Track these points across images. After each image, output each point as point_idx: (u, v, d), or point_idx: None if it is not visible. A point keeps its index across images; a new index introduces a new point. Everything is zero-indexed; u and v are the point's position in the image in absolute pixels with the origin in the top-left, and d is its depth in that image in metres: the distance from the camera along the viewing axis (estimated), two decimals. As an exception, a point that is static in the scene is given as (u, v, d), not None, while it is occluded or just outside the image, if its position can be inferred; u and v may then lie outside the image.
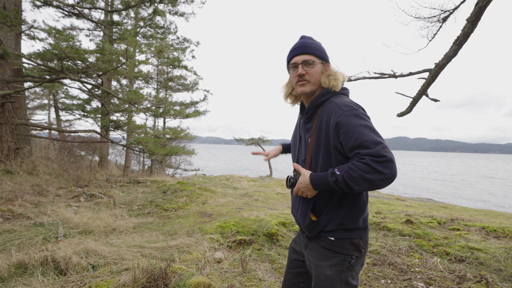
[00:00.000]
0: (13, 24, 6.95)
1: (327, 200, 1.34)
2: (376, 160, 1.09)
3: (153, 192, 7.85)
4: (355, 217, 1.32)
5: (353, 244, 1.32)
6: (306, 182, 1.28)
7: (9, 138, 8.20)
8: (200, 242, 3.61)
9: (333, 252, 1.33)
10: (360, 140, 1.15)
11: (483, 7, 3.34)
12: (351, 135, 1.17)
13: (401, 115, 4.64)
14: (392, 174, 1.10)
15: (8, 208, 4.74)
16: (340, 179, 1.16)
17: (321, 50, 1.39)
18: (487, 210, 7.31)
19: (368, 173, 1.09)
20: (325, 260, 1.34)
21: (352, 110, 1.23)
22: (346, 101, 1.28)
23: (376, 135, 1.16)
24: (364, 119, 1.21)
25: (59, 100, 17.96)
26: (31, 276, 2.55)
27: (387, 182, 1.11)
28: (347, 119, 1.20)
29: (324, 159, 1.30)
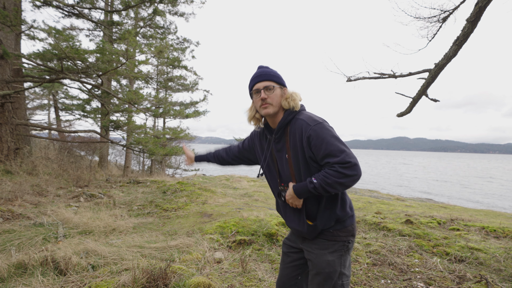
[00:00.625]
0: (13, 24, 6.95)
1: (317, 205, 1.51)
2: (344, 166, 1.31)
3: (153, 192, 7.84)
4: (344, 209, 1.53)
5: (348, 230, 1.53)
6: (291, 193, 1.49)
7: (9, 138, 8.20)
8: (200, 242, 3.61)
9: (333, 240, 1.52)
10: (328, 150, 1.36)
11: (483, 7, 3.34)
12: (320, 146, 1.38)
13: (401, 115, 4.64)
14: (358, 174, 1.33)
15: (8, 208, 4.74)
16: (317, 186, 1.37)
17: (278, 77, 1.58)
18: (486, 210, 7.32)
19: (340, 178, 1.32)
20: (326, 249, 1.52)
21: (318, 124, 1.42)
22: (311, 116, 1.49)
23: (341, 144, 1.37)
24: (330, 130, 1.42)
25: (59, 100, 17.95)
26: (31, 276, 2.55)
27: (355, 181, 1.35)
28: (315, 133, 1.40)
29: (304, 169, 1.48)
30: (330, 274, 1.49)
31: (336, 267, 1.49)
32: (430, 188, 25.10)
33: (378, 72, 4.42)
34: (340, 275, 1.51)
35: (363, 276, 2.96)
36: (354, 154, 1.34)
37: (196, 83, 18.48)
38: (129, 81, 16.06)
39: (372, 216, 5.34)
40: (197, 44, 17.92)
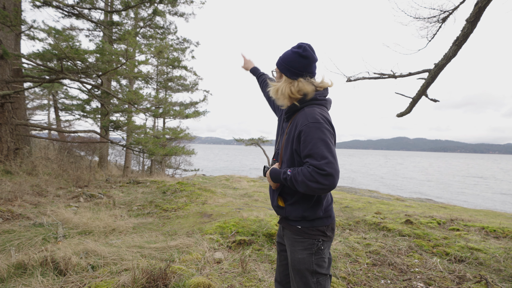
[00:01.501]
0: (12, 24, 6.95)
1: (293, 194, 1.53)
2: (318, 172, 1.28)
3: (152, 193, 7.84)
4: (314, 210, 1.51)
5: (318, 230, 1.52)
6: (268, 174, 1.54)
7: (8, 139, 8.19)
8: (199, 242, 3.61)
9: (302, 237, 1.52)
10: (312, 151, 1.33)
11: (482, 7, 3.34)
12: (307, 145, 1.36)
13: (401, 115, 4.64)
14: (330, 186, 1.28)
15: (8, 209, 4.74)
16: (288, 178, 1.39)
17: (284, 65, 1.59)
18: (486, 210, 7.32)
19: (309, 180, 1.30)
20: (296, 245, 1.53)
21: (315, 123, 1.39)
22: (314, 113, 1.44)
23: (327, 150, 1.32)
24: (324, 132, 1.37)
25: (59, 100, 17.94)
26: (30, 277, 2.55)
27: (324, 191, 1.32)
28: (308, 130, 1.38)
29: (289, 158, 1.51)
30: (302, 271, 1.50)
31: (308, 265, 1.49)
32: (427, 190, 25.11)
33: (378, 72, 4.42)
34: (313, 274, 1.50)
35: (363, 276, 2.96)
36: (336, 166, 1.30)
37: (196, 83, 18.49)
38: (129, 81, 16.05)
39: (372, 216, 5.34)
40: (197, 44, 17.93)
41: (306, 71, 1.52)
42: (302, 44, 1.54)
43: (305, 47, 1.52)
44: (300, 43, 1.55)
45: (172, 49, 16.79)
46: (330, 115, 1.55)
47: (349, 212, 6.12)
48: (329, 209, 1.57)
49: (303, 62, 1.51)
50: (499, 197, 21.20)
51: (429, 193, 22.30)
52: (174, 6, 14.63)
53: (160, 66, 17.68)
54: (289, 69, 1.52)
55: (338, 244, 3.80)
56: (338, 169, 1.31)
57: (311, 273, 1.50)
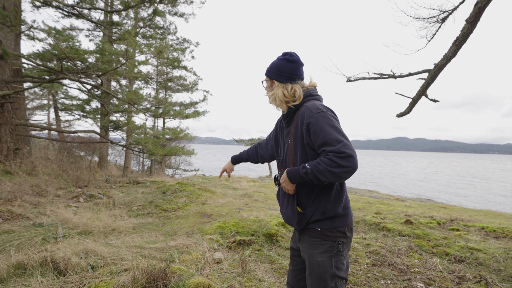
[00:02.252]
0: (12, 24, 6.95)
1: (309, 194, 1.52)
2: (338, 156, 1.29)
3: (152, 193, 7.84)
4: (335, 205, 1.50)
5: (338, 231, 1.50)
6: (284, 177, 1.50)
7: (8, 139, 8.19)
8: (199, 242, 3.61)
9: (322, 240, 1.50)
10: (326, 138, 1.36)
11: (482, 7, 3.34)
12: (319, 134, 1.39)
13: (401, 115, 4.65)
14: (353, 167, 1.30)
15: (7, 209, 4.73)
16: (309, 172, 1.37)
17: (275, 72, 1.64)
18: (486, 210, 7.32)
19: (333, 167, 1.30)
20: (315, 248, 1.51)
21: (320, 112, 1.43)
22: (316, 104, 1.50)
23: (339, 134, 1.36)
24: (330, 119, 1.41)
25: (59, 101, 17.94)
26: (30, 277, 2.55)
27: (349, 174, 1.32)
28: (315, 120, 1.41)
29: (301, 156, 1.51)
30: (321, 275, 1.48)
31: (327, 268, 1.48)
32: (427, 190, 25.12)
33: (378, 73, 4.43)
34: (332, 277, 1.48)
35: (362, 276, 2.96)
36: (351, 146, 1.32)
37: (196, 83, 18.49)
38: (129, 81, 16.05)
39: (372, 216, 5.34)
40: (196, 45, 17.94)
41: (295, 74, 1.59)
42: (288, 51, 1.64)
43: (291, 53, 1.62)
44: (285, 52, 1.64)
45: (172, 49, 16.80)
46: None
47: (349, 212, 6.12)
48: (348, 206, 1.57)
49: (291, 66, 1.59)
50: (499, 198, 21.20)
51: (428, 193, 22.31)
52: (174, 6, 14.64)
53: (160, 66, 17.69)
54: (280, 74, 1.59)
55: (338, 244, 3.79)
56: (354, 149, 1.33)
57: (330, 276, 1.48)
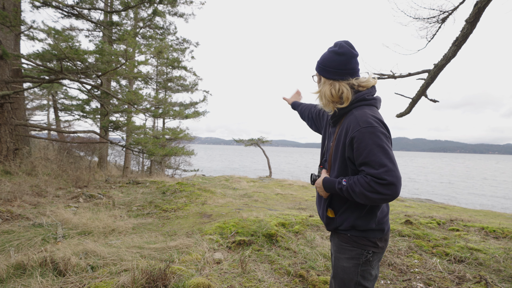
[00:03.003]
0: (12, 24, 6.94)
1: (343, 202, 1.44)
2: (377, 182, 1.19)
3: (152, 193, 7.84)
4: (366, 221, 1.39)
5: (369, 240, 1.41)
6: (320, 184, 1.45)
7: (8, 139, 8.18)
8: (199, 242, 3.61)
9: (351, 246, 1.42)
10: (368, 159, 1.23)
11: (482, 8, 3.34)
12: (362, 152, 1.25)
13: (401, 115, 4.65)
14: (392, 195, 1.19)
15: (7, 209, 4.73)
16: (344, 189, 1.30)
17: (322, 68, 1.51)
18: (486, 210, 7.32)
19: (368, 191, 1.21)
20: (343, 253, 1.45)
21: (368, 128, 1.26)
22: (366, 116, 1.31)
23: (385, 156, 1.21)
24: (379, 137, 1.25)
25: (58, 101, 17.94)
26: (30, 277, 2.54)
27: (385, 201, 1.22)
28: (362, 136, 1.26)
29: (340, 166, 1.41)
30: (345, 281, 1.42)
31: (352, 276, 1.40)
32: (428, 190, 25.13)
33: (378, 73, 4.43)
34: (357, 285, 1.40)
35: (362, 276, 2.96)
36: (397, 173, 1.19)
37: (196, 83, 18.48)
38: (129, 81, 16.05)
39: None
40: (196, 45, 17.93)
41: (344, 68, 1.40)
42: (338, 42, 1.45)
43: (341, 44, 1.43)
44: (337, 41, 1.46)
45: (172, 49, 16.79)
46: (381, 114, 1.41)
47: (349, 213, 6.11)
48: (384, 222, 1.43)
49: (339, 59, 1.40)
50: (498, 198, 21.22)
51: (428, 193, 22.31)
52: (174, 6, 14.64)
53: (159, 67, 17.68)
54: (327, 70, 1.43)
55: (338, 245, 3.79)
56: (399, 175, 1.20)
57: (354, 284, 1.40)
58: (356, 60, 1.44)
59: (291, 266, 3.13)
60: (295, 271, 2.97)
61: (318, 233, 4.28)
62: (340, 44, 1.43)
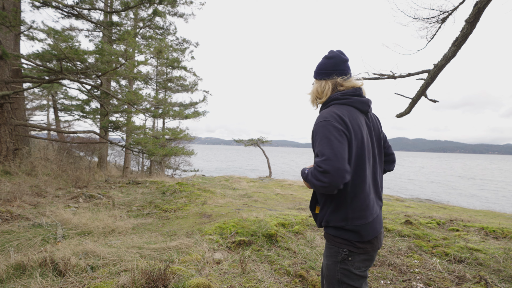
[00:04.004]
0: (12, 24, 6.94)
1: (321, 197, 1.52)
2: (317, 169, 1.31)
3: (152, 193, 7.83)
4: (336, 216, 1.45)
5: (343, 240, 1.44)
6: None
7: (7, 139, 8.18)
8: (199, 243, 3.61)
9: (329, 243, 1.51)
10: (316, 149, 1.37)
11: (481, 8, 3.35)
12: (314, 143, 1.41)
13: (400, 115, 4.65)
14: (329, 184, 1.26)
15: (7, 209, 4.73)
16: (305, 176, 1.42)
17: (316, 70, 1.65)
18: (486, 210, 7.32)
19: (314, 178, 1.32)
20: (326, 250, 1.54)
21: (323, 121, 1.40)
22: (324, 113, 1.45)
23: (328, 147, 1.31)
24: (329, 130, 1.36)
25: (58, 101, 17.93)
26: (29, 277, 2.54)
27: (325, 189, 1.29)
28: (316, 129, 1.41)
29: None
30: (329, 278, 1.48)
31: (333, 273, 1.45)
32: (427, 189, 25.17)
33: (378, 73, 4.43)
34: (340, 283, 1.44)
35: (362, 276, 2.96)
36: (336, 163, 1.25)
37: (196, 83, 18.48)
38: (129, 81, 16.04)
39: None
40: (196, 45, 17.93)
41: (332, 69, 1.53)
42: (330, 50, 1.61)
43: (331, 51, 1.59)
44: (330, 50, 1.62)
45: (172, 49, 16.79)
46: (358, 114, 1.48)
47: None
48: (360, 225, 1.41)
49: (328, 62, 1.55)
50: (498, 199, 21.22)
51: (428, 193, 22.33)
52: (174, 6, 14.63)
53: (159, 67, 17.68)
54: (317, 71, 1.60)
55: (338, 245, 3.79)
56: (337, 166, 1.25)
57: (337, 282, 1.44)
58: (345, 64, 1.55)
59: (291, 266, 3.13)
60: (295, 271, 2.97)
61: (318, 233, 4.28)
62: (331, 51, 1.59)
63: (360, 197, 1.42)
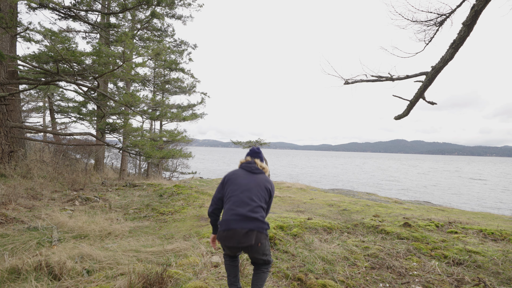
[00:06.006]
0: (8, 26, 6.90)
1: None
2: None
3: (149, 196, 7.78)
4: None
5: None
6: None
7: (3, 141, 8.10)
8: (197, 246, 3.57)
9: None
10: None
11: (478, 11, 3.36)
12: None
13: (399, 118, 4.65)
14: (208, 211, 2.38)
15: (2, 212, 4.67)
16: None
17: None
18: (484, 213, 7.34)
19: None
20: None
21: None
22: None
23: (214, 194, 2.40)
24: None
25: (55, 103, 17.81)
26: (24, 282, 2.50)
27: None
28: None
29: None
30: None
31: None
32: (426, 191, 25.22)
33: (376, 75, 4.43)
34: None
35: (361, 279, 2.93)
36: (210, 203, 2.36)
37: (194, 85, 18.45)
38: (126, 83, 15.99)
39: (370, 219, 5.33)
40: (194, 47, 17.91)
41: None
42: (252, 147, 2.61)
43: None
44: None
45: (170, 51, 16.75)
46: (241, 170, 2.40)
47: (347, 215, 6.10)
48: (222, 225, 2.14)
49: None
50: (497, 201, 21.29)
51: (427, 196, 22.38)
52: (172, 8, 14.62)
53: (157, 69, 17.63)
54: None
55: (337, 248, 3.78)
56: (211, 205, 2.34)
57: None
58: (249, 152, 2.59)
59: (290, 269, 3.10)
60: (293, 274, 2.95)
61: (317, 236, 4.26)
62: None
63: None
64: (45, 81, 8.30)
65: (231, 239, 2.07)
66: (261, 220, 2.14)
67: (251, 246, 2.09)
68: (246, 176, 2.33)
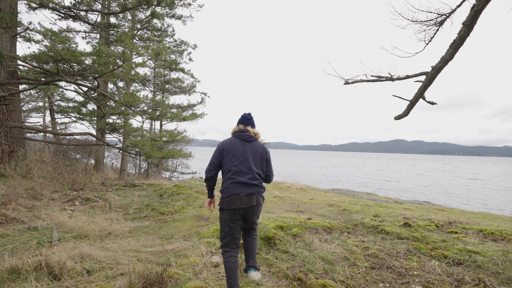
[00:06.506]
0: (8, 26, 6.90)
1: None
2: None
3: (149, 196, 7.78)
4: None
5: (222, 199, 2.50)
6: None
7: (3, 141, 8.10)
8: (197, 246, 3.57)
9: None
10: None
11: (478, 11, 3.36)
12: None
13: (399, 118, 4.65)
14: (205, 175, 2.67)
15: (2, 212, 4.67)
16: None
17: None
18: (484, 212, 7.33)
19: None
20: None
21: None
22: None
23: (210, 160, 2.64)
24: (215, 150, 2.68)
25: (55, 103, 17.81)
26: (24, 282, 2.50)
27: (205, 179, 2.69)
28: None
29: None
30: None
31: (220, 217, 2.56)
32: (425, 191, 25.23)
33: (376, 75, 4.43)
34: (220, 221, 2.56)
35: (361, 279, 2.93)
36: (208, 167, 2.64)
37: (194, 85, 18.44)
38: (126, 83, 15.98)
39: (370, 219, 5.33)
40: (194, 47, 17.91)
41: (238, 122, 2.83)
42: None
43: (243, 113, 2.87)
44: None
45: (170, 51, 16.75)
46: (236, 139, 2.62)
47: (347, 215, 6.10)
48: (225, 193, 2.44)
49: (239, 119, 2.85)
50: (497, 201, 21.30)
51: (427, 196, 22.38)
52: (172, 8, 14.62)
53: (157, 69, 17.63)
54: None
55: (336, 248, 3.78)
56: (208, 169, 2.64)
57: (220, 221, 2.59)
58: (240, 120, 2.79)
59: (290, 269, 3.10)
60: (293, 275, 2.95)
61: (317, 236, 4.26)
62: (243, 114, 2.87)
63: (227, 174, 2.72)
64: (45, 81, 8.30)
65: (235, 201, 2.36)
66: (259, 186, 2.49)
67: (252, 206, 2.40)
68: (241, 145, 2.56)
